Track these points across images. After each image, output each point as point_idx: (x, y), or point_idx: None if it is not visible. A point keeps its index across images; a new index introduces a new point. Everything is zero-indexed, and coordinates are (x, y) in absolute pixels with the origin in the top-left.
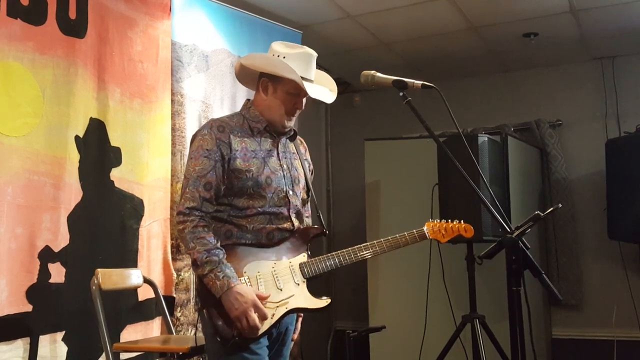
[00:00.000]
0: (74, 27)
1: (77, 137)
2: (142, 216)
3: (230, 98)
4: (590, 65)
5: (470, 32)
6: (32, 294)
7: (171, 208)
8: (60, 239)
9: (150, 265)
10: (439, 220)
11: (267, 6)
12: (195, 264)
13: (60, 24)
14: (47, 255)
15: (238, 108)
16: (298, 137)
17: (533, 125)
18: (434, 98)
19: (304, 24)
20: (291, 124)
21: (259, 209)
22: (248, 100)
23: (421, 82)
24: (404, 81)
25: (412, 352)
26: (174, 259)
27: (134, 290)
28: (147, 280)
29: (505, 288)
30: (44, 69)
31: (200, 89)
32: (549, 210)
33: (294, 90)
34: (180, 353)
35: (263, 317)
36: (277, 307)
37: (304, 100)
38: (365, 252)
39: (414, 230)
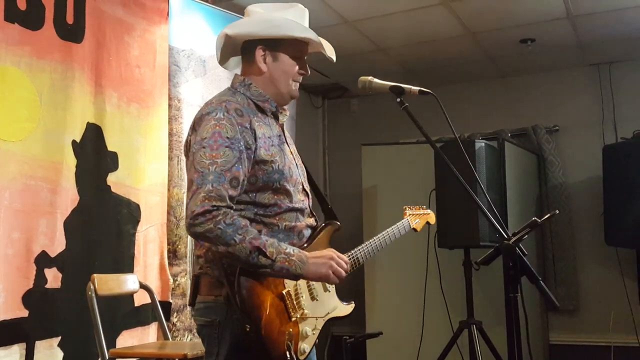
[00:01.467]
0: (72, 32)
1: (74, 142)
2: (138, 221)
3: None
4: (587, 71)
5: (468, 38)
6: (28, 299)
7: (168, 213)
8: (57, 244)
9: (147, 270)
10: (413, 207)
11: None
12: (259, 252)
13: (57, 28)
14: (43, 261)
15: None
16: None
17: (530, 130)
18: (431, 104)
19: None
20: (297, 92)
21: (289, 205)
22: (242, 76)
23: (418, 88)
24: (401, 87)
25: (409, 358)
26: (171, 264)
27: (130, 296)
28: (143, 286)
29: (502, 294)
30: (41, 74)
31: (198, 93)
32: (546, 217)
33: (298, 53)
34: (177, 359)
35: (346, 261)
36: (317, 320)
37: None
38: (374, 246)
39: (402, 222)
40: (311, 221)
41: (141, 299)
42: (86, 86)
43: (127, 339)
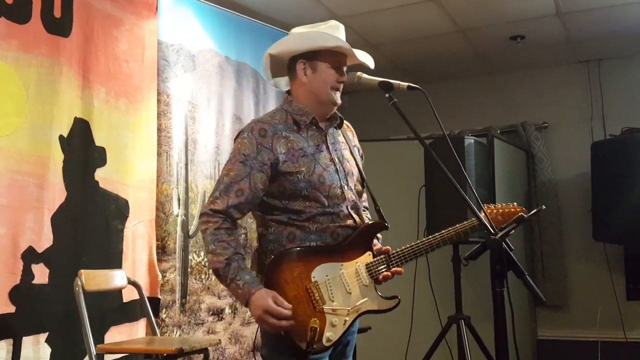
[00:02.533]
0: (59, 26)
1: (61, 137)
2: (127, 217)
3: (217, 98)
4: (577, 68)
5: (458, 35)
6: (15, 294)
7: (157, 209)
8: (44, 240)
9: (135, 266)
10: (494, 205)
11: (254, 6)
12: (216, 273)
13: (45, 22)
14: (30, 256)
15: (225, 108)
16: (345, 122)
17: (519, 127)
18: (422, 100)
19: (290, 24)
20: (339, 99)
21: (319, 209)
22: (288, 93)
23: (407, 83)
24: (389, 82)
25: (398, 353)
26: (160, 260)
27: (118, 292)
28: (131, 282)
29: (490, 289)
30: (28, 68)
31: (187, 89)
32: (533, 212)
33: (336, 64)
34: (165, 354)
35: (279, 316)
36: (349, 313)
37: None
38: (427, 246)
39: (473, 219)
40: (349, 222)
41: (129, 294)
42: (74, 81)
43: (116, 335)
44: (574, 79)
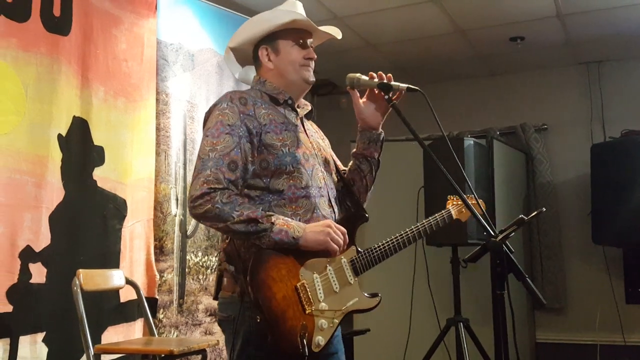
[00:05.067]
0: (58, 25)
1: (59, 136)
2: (124, 216)
3: (216, 98)
4: (576, 70)
5: (458, 36)
6: (12, 294)
7: (155, 208)
8: (42, 239)
9: (133, 266)
10: (456, 197)
11: (254, 6)
12: (254, 223)
13: (44, 21)
14: (28, 255)
15: None
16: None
17: (518, 129)
18: (421, 101)
19: None
20: (312, 76)
21: (302, 192)
22: (257, 75)
23: (406, 85)
24: (388, 84)
25: (397, 355)
26: (157, 260)
27: (115, 292)
28: (129, 282)
29: (489, 291)
30: (27, 66)
31: (186, 88)
32: (533, 214)
33: (298, 40)
34: (163, 355)
35: (341, 232)
36: (336, 315)
37: (312, 46)
38: (405, 238)
39: (443, 212)
40: (329, 211)
41: (127, 294)
42: (72, 79)
43: (113, 335)
44: (574, 81)
